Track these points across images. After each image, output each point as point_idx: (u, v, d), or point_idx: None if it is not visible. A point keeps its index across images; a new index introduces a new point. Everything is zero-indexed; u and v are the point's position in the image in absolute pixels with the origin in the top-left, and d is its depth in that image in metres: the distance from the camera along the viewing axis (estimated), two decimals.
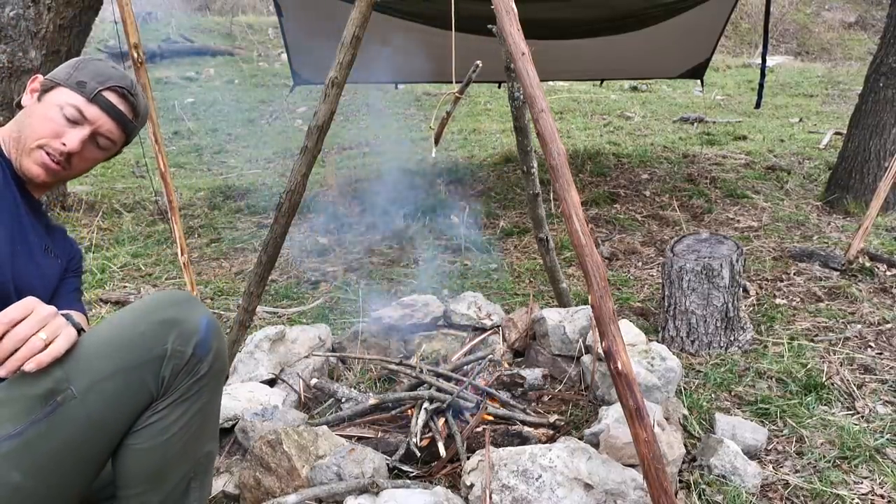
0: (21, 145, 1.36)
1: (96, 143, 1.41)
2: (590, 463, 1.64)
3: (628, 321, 2.47)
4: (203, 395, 1.19)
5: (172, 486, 1.21)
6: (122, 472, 1.18)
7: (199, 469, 1.26)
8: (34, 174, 1.36)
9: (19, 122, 1.38)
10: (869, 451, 1.97)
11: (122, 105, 1.42)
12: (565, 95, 9.60)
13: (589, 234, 1.50)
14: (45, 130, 1.35)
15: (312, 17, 4.49)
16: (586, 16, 4.63)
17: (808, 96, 9.53)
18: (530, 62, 1.59)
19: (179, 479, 1.22)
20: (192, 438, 1.20)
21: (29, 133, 1.35)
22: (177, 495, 1.23)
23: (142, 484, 1.18)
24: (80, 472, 1.13)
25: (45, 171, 1.36)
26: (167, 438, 1.16)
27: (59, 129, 1.35)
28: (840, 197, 4.58)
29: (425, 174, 5.80)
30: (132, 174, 6.49)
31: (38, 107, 1.37)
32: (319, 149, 2.16)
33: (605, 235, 4.34)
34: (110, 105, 1.39)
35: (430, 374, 2.26)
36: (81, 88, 1.37)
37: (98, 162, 1.46)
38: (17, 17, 2.13)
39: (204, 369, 1.17)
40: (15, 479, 1.05)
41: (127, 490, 1.19)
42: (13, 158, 1.37)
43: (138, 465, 1.17)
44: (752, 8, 13.72)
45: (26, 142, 1.35)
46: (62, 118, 1.36)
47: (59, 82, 1.38)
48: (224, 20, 14.86)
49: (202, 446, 1.25)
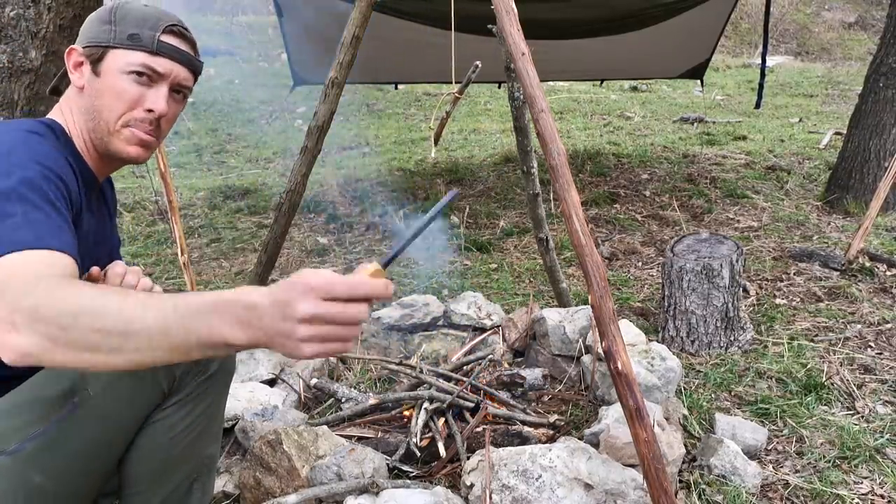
0: (103, 131, 1.21)
1: (175, 97, 1.27)
2: (590, 463, 1.64)
3: (628, 321, 2.47)
4: (209, 396, 1.20)
5: (174, 486, 1.21)
6: (126, 470, 1.18)
7: (202, 471, 1.26)
8: (133, 155, 1.23)
9: (86, 109, 1.21)
10: (869, 451, 1.97)
11: (184, 45, 1.25)
12: (565, 95, 9.60)
13: (589, 234, 1.51)
14: (124, 105, 1.19)
15: (312, 18, 4.49)
16: (586, 16, 4.63)
17: (808, 96, 9.53)
18: (530, 62, 1.59)
19: (182, 479, 1.22)
20: (196, 439, 1.21)
21: (107, 115, 1.19)
22: (179, 496, 1.23)
23: (145, 482, 1.19)
24: (96, 472, 1.14)
25: (142, 147, 1.23)
26: (172, 437, 1.17)
27: (138, 97, 1.19)
28: (840, 197, 4.58)
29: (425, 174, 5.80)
30: (132, 174, 6.49)
31: (101, 82, 1.19)
32: (319, 149, 2.16)
33: (605, 235, 4.34)
34: (176, 50, 1.22)
35: (430, 374, 2.26)
36: (138, 42, 1.18)
37: (178, 116, 1.32)
38: (17, 17, 2.13)
39: (213, 368, 1.19)
40: (36, 481, 1.06)
41: (129, 489, 1.19)
42: (93, 147, 1.23)
43: (142, 463, 1.17)
44: (752, 8, 13.72)
45: (108, 125, 1.20)
46: (135, 84, 1.19)
47: (107, 44, 1.18)
48: (224, 20, 14.87)
49: (205, 447, 1.25)
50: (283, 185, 5.58)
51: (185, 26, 1.26)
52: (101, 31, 1.19)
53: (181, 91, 1.27)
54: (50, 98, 1.32)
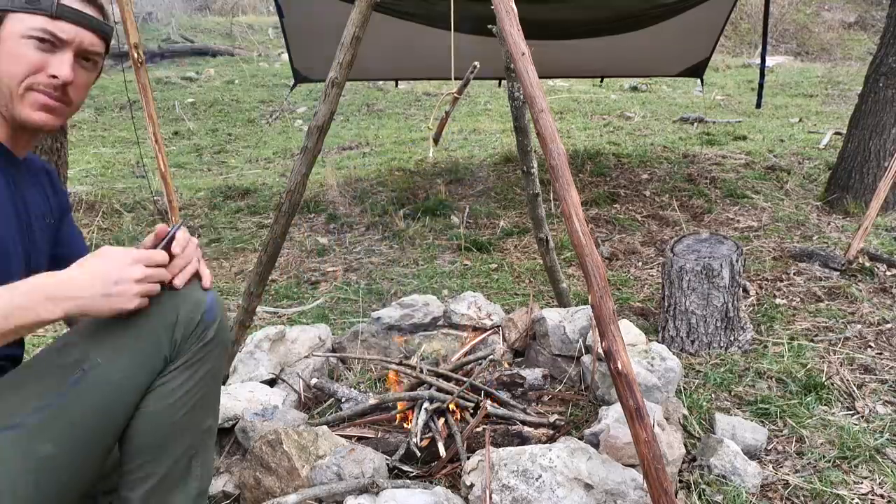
0: (6, 98, 1.16)
1: (83, 64, 1.21)
2: (590, 463, 1.64)
3: (628, 321, 2.47)
4: (208, 362, 1.22)
5: (175, 458, 1.22)
6: (127, 444, 1.19)
7: (201, 446, 1.27)
8: (39, 121, 1.18)
9: None
10: (869, 451, 1.97)
11: (90, 8, 1.19)
12: (565, 95, 9.60)
13: (589, 234, 1.51)
14: (25, 69, 1.14)
15: (313, 17, 4.50)
16: (586, 16, 4.63)
17: (808, 96, 9.52)
18: (530, 62, 1.59)
19: (182, 452, 1.22)
20: (196, 407, 1.22)
21: (7, 81, 1.14)
22: (179, 471, 1.23)
23: (145, 453, 1.19)
24: (101, 442, 1.16)
25: (48, 112, 1.18)
26: (172, 402, 1.18)
27: (38, 62, 1.14)
28: (840, 197, 4.58)
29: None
30: (132, 174, 6.49)
31: (1, 48, 1.14)
32: (319, 149, 2.16)
33: (605, 235, 4.34)
34: (79, 14, 1.17)
35: (430, 374, 2.26)
36: (36, 5, 1.13)
37: (90, 85, 1.26)
38: None
39: (210, 335, 1.21)
40: (46, 451, 1.08)
41: (130, 463, 1.20)
42: (2, 119, 1.19)
43: (143, 434, 1.18)
44: (752, 8, 13.72)
45: (11, 90, 1.15)
46: (34, 49, 1.14)
47: (5, 7, 1.14)
48: (224, 20, 14.87)
49: (204, 418, 1.26)
50: (283, 185, 5.58)
51: None
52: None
53: (90, 58, 1.22)
54: None
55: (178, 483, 1.23)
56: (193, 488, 1.26)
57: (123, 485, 1.21)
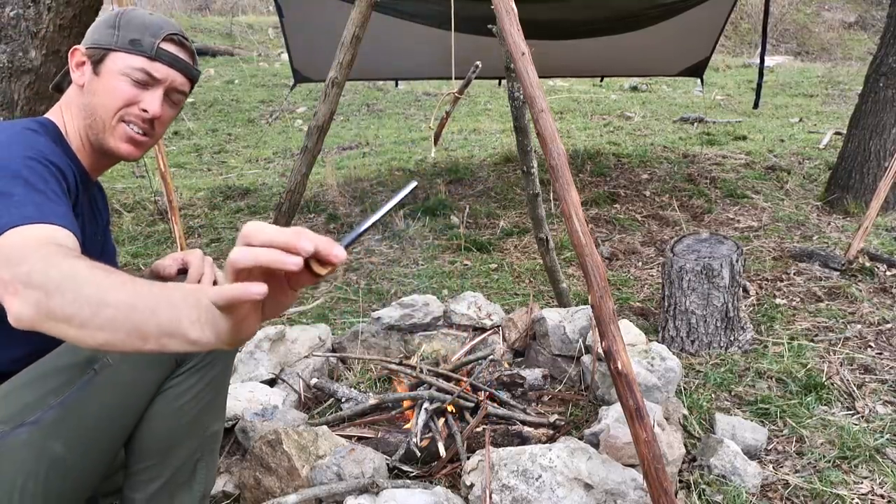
0: (98, 128, 1.26)
1: (170, 101, 1.32)
2: (590, 463, 1.64)
3: (628, 321, 2.47)
4: (216, 366, 1.23)
5: (181, 462, 1.23)
6: (134, 445, 1.20)
7: (206, 449, 1.28)
8: (125, 153, 1.28)
9: (84, 107, 1.26)
10: (869, 451, 1.97)
11: (183, 53, 1.31)
12: (565, 95, 9.60)
13: (589, 234, 1.51)
14: (120, 101, 1.25)
15: (313, 17, 4.50)
16: (586, 16, 4.63)
17: (808, 96, 9.52)
18: (530, 62, 1.59)
19: (188, 455, 1.24)
20: (203, 411, 1.23)
21: (102, 113, 1.25)
22: (185, 474, 1.24)
23: (152, 455, 1.20)
24: (111, 442, 1.17)
25: (134, 146, 1.28)
26: (180, 406, 1.19)
27: (133, 96, 1.25)
28: (840, 197, 4.58)
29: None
30: (132, 174, 6.49)
31: (100, 81, 1.25)
32: (319, 149, 2.17)
33: (605, 235, 4.34)
34: (174, 57, 1.28)
35: (430, 374, 2.26)
36: (138, 47, 1.24)
37: (171, 121, 1.38)
38: (17, 17, 2.13)
39: None
40: (57, 450, 1.09)
41: (137, 464, 1.21)
42: (88, 144, 1.28)
43: (151, 435, 1.19)
44: (752, 8, 13.72)
45: (104, 121, 1.25)
46: (131, 86, 1.25)
47: (109, 47, 1.25)
48: (224, 20, 14.87)
49: (211, 422, 1.28)
50: (283, 185, 5.58)
51: (185, 36, 1.32)
52: (105, 34, 1.26)
53: (176, 97, 1.33)
54: (51, 98, 1.39)
55: (183, 485, 1.24)
56: (198, 491, 1.27)
57: (129, 485, 1.22)
